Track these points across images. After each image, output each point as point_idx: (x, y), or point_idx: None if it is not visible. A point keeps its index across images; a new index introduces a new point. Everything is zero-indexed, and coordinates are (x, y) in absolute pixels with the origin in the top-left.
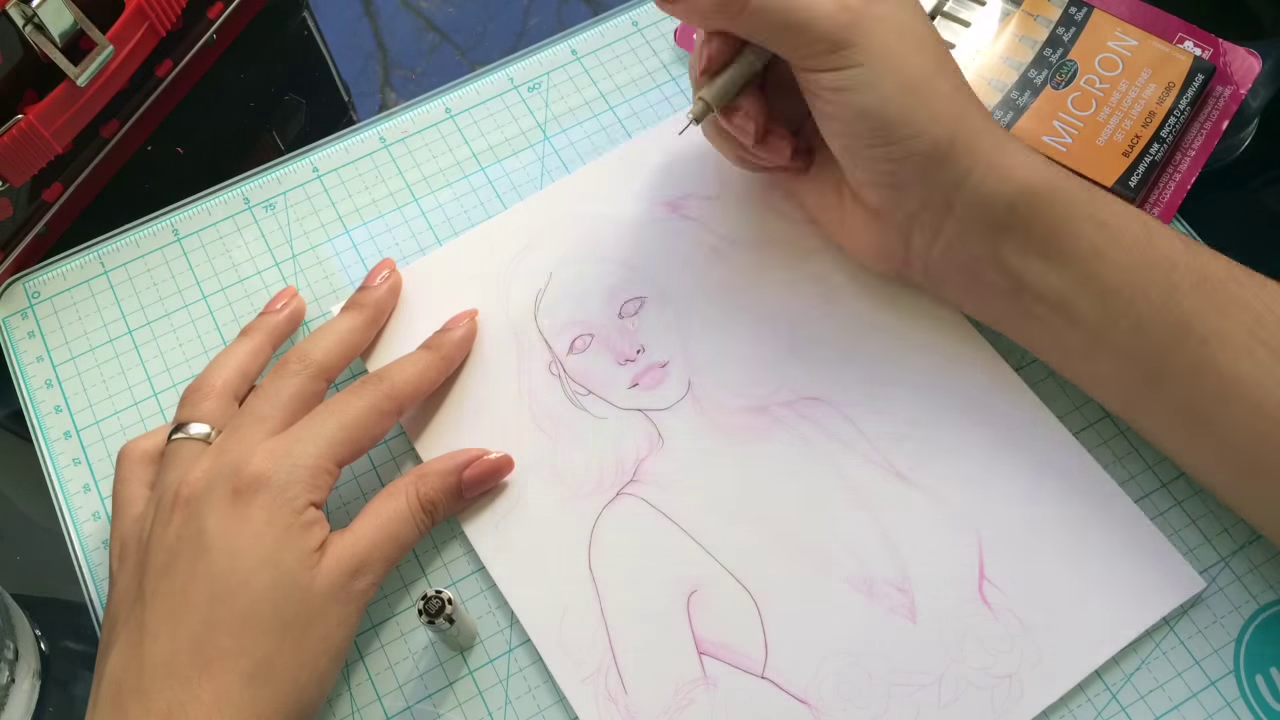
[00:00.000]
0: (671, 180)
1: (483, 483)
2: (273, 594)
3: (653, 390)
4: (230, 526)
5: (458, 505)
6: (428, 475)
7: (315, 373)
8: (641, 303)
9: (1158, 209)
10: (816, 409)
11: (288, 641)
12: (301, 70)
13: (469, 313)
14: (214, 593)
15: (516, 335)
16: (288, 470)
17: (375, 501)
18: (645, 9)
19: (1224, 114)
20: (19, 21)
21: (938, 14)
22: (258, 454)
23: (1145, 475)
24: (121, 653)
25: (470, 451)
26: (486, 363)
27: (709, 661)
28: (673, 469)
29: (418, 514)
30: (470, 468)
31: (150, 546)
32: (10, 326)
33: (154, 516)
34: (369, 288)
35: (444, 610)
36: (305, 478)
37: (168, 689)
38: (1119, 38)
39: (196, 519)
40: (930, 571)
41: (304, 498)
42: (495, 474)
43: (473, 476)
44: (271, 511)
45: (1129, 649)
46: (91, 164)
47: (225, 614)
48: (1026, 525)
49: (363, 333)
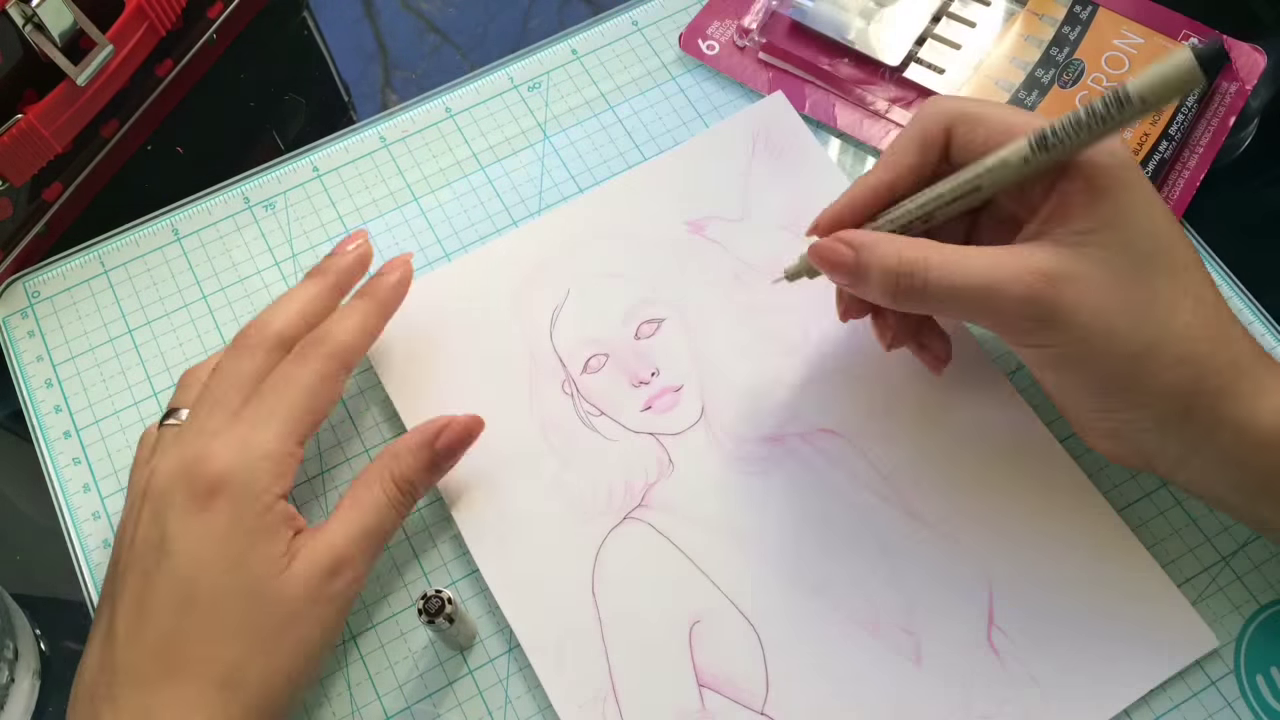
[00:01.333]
0: (695, 201)
1: (456, 451)
2: (240, 601)
3: (666, 414)
4: (192, 530)
5: (434, 478)
6: (400, 454)
7: (274, 344)
8: (659, 325)
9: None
10: (831, 441)
11: (258, 647)
12: (301, 70)
13: (401, 257)
14: (179, 598)
15: (531, 352)
16: (249, 465)
17: (350, 491)
18: (645, 9)
19: (1230, 110)
20: (19, 21)
21: (942, 15)
22: (216, 447)
23: (1145, 475)
24: (94, 653)
25: (437, 421)
26: (499, 378)
27: (709, 694)
28: (682, 495)
29: (395, 498)
30: (441, 437)
31: (119, 541)
32: (10, 326)
33: (125, 509)
34: (336, 254)
35: (444, 609)
36: (269, 468)
37: (136, 694)
38: (1124, 35)
39: (159, 521)
40: (938, 614)
41: (270, 492)
42: (467, 438)
43: (445, 445)
44: (236, 512)
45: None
46: (91, 164)
47: (191, 622)
48: (1038, 572)
49: (325, 299)
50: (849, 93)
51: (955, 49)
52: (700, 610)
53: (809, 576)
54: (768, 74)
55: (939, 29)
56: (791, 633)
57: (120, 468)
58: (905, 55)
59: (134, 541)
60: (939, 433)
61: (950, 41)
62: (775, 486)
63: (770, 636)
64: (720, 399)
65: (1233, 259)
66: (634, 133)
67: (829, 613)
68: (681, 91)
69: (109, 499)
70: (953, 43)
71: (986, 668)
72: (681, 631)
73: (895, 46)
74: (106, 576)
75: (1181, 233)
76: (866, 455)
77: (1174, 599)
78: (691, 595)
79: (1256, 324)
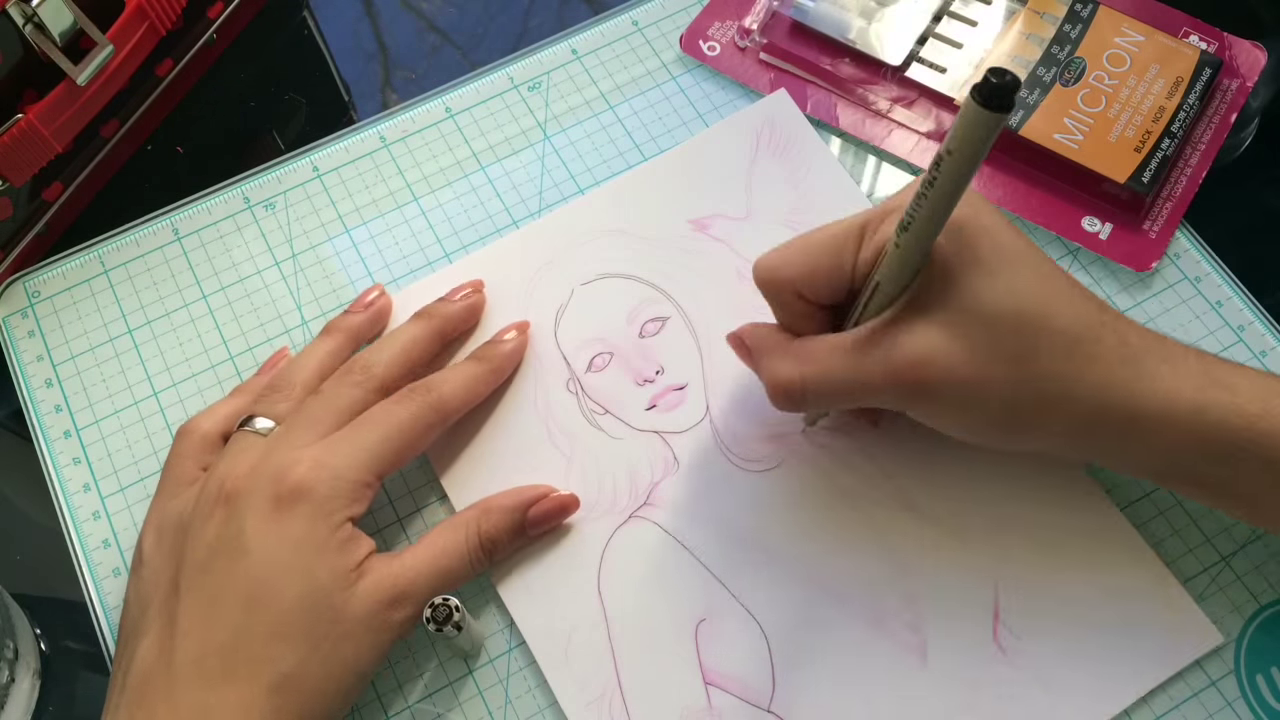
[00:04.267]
0: (698, 199)
1: (547, 521)
2: (305, 607)
3: (670, 413)
4: (269, 532)
5: (518, 544)
6: (492, 511)
7: (375, 386)
8: (663, 323)
9: (1171, 203)
10: (835, 439)
11: (315, 656)
12: (301, 70)
13: (521, 324)
14: (249, 598)
15: (536, 351)
16: (329, 483)
17: (434, 532)
18: (645, 9)
19: (1232, 107)
20: (19, 21)
21: (944, 14)
22: (302, 461)
23: None
24: (152, 645)
25: (537, 488)
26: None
27: (715, 692)
28: (687, 494)
29: (475, 552)
30: (535, 506)
31: (189, 538)
32: (10, 326)
33: (195, 507)
34: (446, 300)
35: (451, 618)
36: (345, 491)
37: (194, 690)
38: (1125, 33)
39: (237, 519)
40: (944, 612)
41: (342, 513)
42: (561, 513)
43: (538, 515)
44: (310, 524)
45: None
46: (91, 163)
47: (257, 622)
48: (1044, 570)
49: (426, 344)
50: (850, 92)
51: (957, 48)
52: (706, 608)
53: (815, 574)
54: (769, 74)
55: (940, 28)
56: (797, 630)
57: (120, 467)
58: (907, 54)
59: (207, 540)
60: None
61: (952, 40)
62: (780, 485)
63: (776, 634)
64: (725, 397)
65: (1233, 259)
66: (634, 133)
67: (835, 611)
68: (682, 92)
69: (109, 499)
70: (954, 41)
71: (992, 666)
72: (687, 629)
73: (897, 46)
74: (154, 569)
75: (1029, 251)
76: (871, 454)
77: (1178, 596)
78: (697, 593)
79: (1257, 324)
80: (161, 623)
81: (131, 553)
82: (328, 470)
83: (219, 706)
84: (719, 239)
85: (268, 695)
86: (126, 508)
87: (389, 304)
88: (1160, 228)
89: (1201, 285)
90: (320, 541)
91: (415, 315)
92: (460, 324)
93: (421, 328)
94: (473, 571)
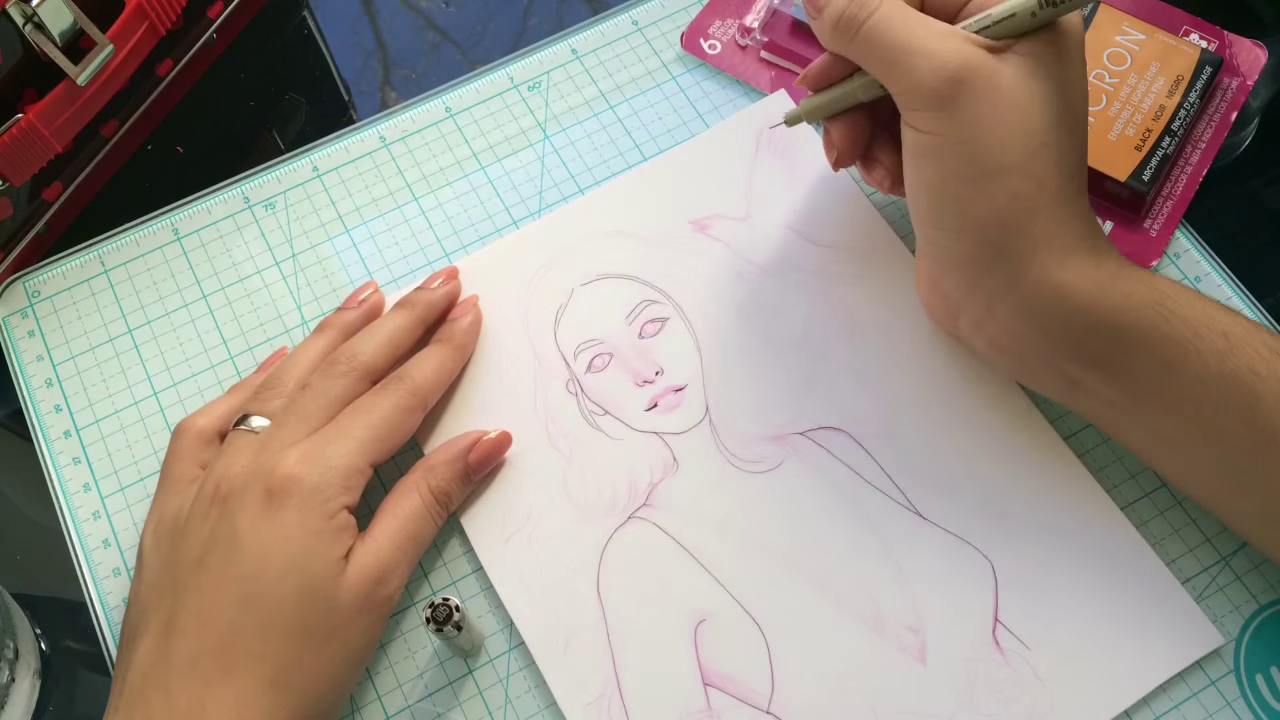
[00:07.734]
0: (699, 200)
1: (487, 463)
2: (298, 601)
3: (670, 413)
4: (261, 528)
5: (467, 489)
6: (435, 466)
7: (362, 374)
8: (662, 324)
9: (1171, 202)
10: (835, 439)
11: (309, 649)
12: (301, 70)
13: (469, 300)
14: (243, 595)
15: (535, 352)
16: (321, 472)
17: (389, 502)
18: (645, 8)
19: (1232, 106)
20: (19, 21)
21: None
22: (292, 455)
23: (1146, 474)
24: (150, 645)
25: (469, 435)
26: (504, 378)
27: (714, 693)
28: (686, 495)
29: (432, 507)
30: (474, 450)
31: (186, 538)
32: (10, 326)
33: (191, 507)
34: (424, 289)
35: (451, 618)
36: (336, 479)
37: (190, 687)
38: (1126, 32)
39: (230, 517)
40: (943, 612)
41: (337, 500)
42: (498, 451)
43: (477, 458)
44: (303, 514)
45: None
46: (91, 163)
47: (251, 618)
48: (1043, 569)
49: (410, 332)
50: None
51: None
52: (705, 609)
53: (814, 574)
54: (770, 73)
55: None
56: (797, 631)
57: (120, 467)
58: None
59: (202, 539)
60: (944, 430)
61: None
62: (780, 485)
63: (775, 635)
64: (724, 398)
65: (1233, 259)
66: (634, 132)
67: (834, 611)
68: (682, 91)
69: (109, 499)
70: None
71: (992, 666)
72: (686, 630)
73: None
74: (154, 569)
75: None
76: (871, 453)
77: (1179, 596)
78: (696, 594)
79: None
80: (160, 622)
81: (131, 552)
82: (317, 461)
83: (216, 703)
84: (719, 239)
85: (264, 690)
86: (126, 508)
87: (382, 301)
88: (1160, 226)
89: (1201, 285)
90: (313, 530)
91: (397, 305)
92: (441, 311)
93: (405, 316)
94: (436, 526)
